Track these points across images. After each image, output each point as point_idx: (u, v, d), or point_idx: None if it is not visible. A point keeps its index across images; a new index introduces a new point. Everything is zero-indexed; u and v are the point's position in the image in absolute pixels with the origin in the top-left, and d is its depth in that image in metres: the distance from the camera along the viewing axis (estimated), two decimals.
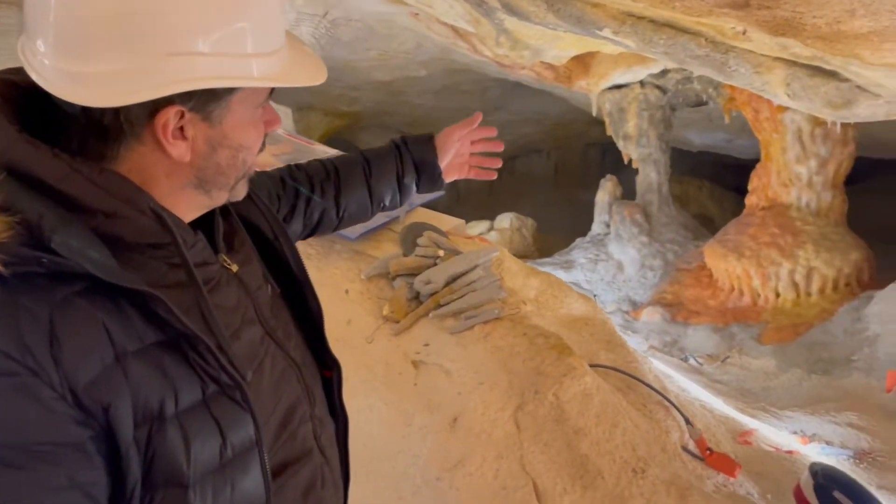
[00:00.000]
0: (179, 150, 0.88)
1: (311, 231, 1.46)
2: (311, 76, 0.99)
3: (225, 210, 1.05)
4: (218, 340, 0.86)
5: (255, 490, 0.90)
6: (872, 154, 10.00)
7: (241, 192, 1.00)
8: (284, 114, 7.82)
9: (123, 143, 0.86)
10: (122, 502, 0.78)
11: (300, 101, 11.34)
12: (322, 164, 1.45)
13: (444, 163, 1.50)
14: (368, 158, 1.49)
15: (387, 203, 1.51)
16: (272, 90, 0.98)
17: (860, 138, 7.83)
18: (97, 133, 0.85)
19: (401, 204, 1.54)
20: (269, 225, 1.13)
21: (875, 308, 6.22)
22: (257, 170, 1.33)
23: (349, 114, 12.88)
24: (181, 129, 0.87)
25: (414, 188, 1.51)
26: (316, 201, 1.39)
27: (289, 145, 4.17)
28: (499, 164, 1.60)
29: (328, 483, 1.10)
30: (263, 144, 1.00)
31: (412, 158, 1.48)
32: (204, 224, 0.99)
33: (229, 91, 0.89)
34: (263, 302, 1.04)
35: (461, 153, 1.54)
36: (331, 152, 4.18)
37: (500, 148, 1.59)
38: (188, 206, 0.94)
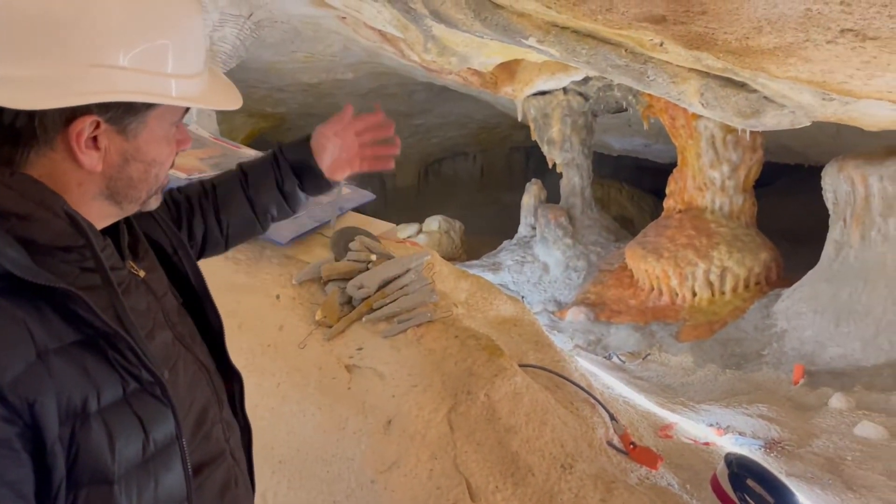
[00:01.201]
0: (91, 159, 0.89)
1: (200, 252, 1.41)
2: (228, 101, 1.01)
3: (126, 220, 1.06)
4: (134, 340, 0.87)
5: (178, 486, 0.92)
6: (779, 159, 10.56)
7: (153, 204, 1.03)
8: (208, 115, 7.66)
9: (34, 149, 0.86)
10: (48, 500, 0.78)
11: None
12: (201, 182, 1.44)
13: (324, 162, 1.43)
14: (246, 170, 1.44)
15: (275, 213, 1.45)
16: (187, 110, 1.00)
17: (767, 145, 8.27)
18: (8, 137, 0.85)
19: (293, 212, 1.49)
20: (168, 240, 1.15)
21: (782, 305, 6.57)
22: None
23: (274, 115, 12.69)
24: (94, 139, 0.88)
25: (300, 194, 1.45)
26: (196, 219, 1.38)
27: (215, 149, 4.10)
28: (395, 150, 1.52)
29: (241, 484, 1.12)
30: (173, 163, 1.02)
31: (289, 163, 1.42)
32: (109, 232, 1.00)
33: (148, 106, 0.91)
34: (170, 308, 1.06)
35: (347, 147, 1.45)
36: (258, 155, 4.14)
37: (390, 132, 1.51)
38: (98, 216, 0.95)
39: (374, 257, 2.99)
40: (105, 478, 0.82)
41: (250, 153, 4.15)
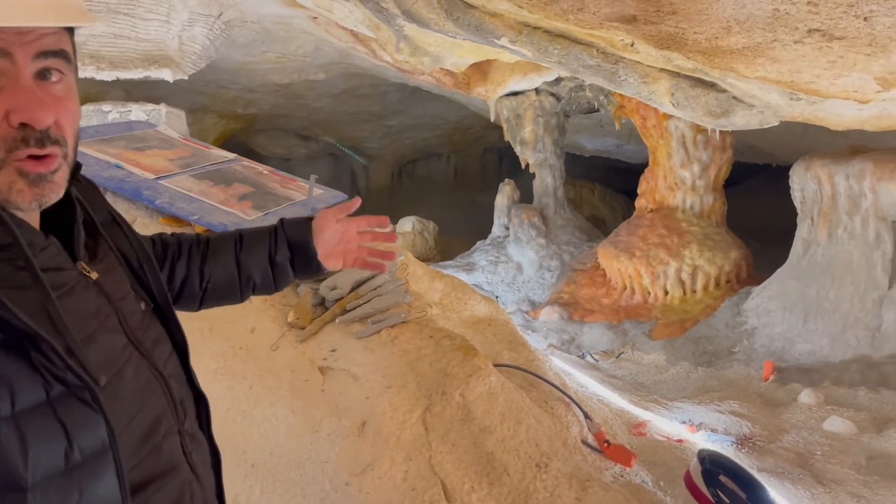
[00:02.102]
0: None
1: (174, 299, 1.34)
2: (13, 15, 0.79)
3: (91, 223, 1.03)
4: (66, 341, 0.82)
5: (110, 497, 0.85)
6: (747, 159, 10.70)
7: (12, 196, 0.85)
8: (177, 116, 7.57)
9: None
10: None
11: (193, 103, 10.99)
12: (197, 235, 1.41)
13: (321, 246, 1.41)
14: (243, 234, 1.42)
15: (257, 281, 1.41)
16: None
17: (736, 145, 8.38)
18: None
19: (276, 288, 1.45)
20: (134, 252, 1.11)
21: (752, 303, 6.66)
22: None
23: (245, 116, 12.58)
24: None
25: (289, 269, 1.42)
26: (180, 263, 1.34)
27: (185, 150, 4.05)
28: (392, 257, 1.52)
29: (197, 500, 1.04)
30: (38, 140, 0.85)
31: (286, 237, 1.41)
32: (63, 232, 0.97)
33: None
34: (129, 312, 1.01)
35: (346, 241, 1.44)
36: (229, 156, 4.10)
37: (395, 240, 1.53)
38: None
39: None
40: (17, 485, 0.77)
41: (221, 154, 4.11)
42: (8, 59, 0.82)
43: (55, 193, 0.90)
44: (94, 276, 0.97)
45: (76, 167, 0.98)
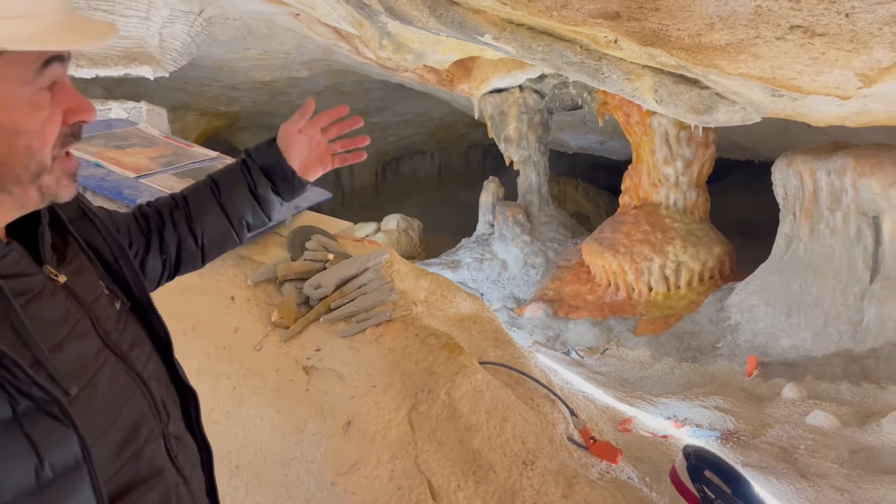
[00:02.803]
0: None
1: (175, 268, 1.34)
2: (77, 38, 0.85)
3: (59, 222, 1.00)
4: (32, 353, 0.79)
5: None
6: (729, 156, 10.79)
7: (54, 190, 0.89)
8: (158, 113, 7.50)
9: None
10: None
11: (175, 100, 10.89)
12: (171, 195, 1.37)
13: (294, 161, 1.38)
14: (216, 179, 1.38)
15: (250, 220, 1.39)
16: (50, 63, 0.86)
17: (719, 141, 8.43)
18: None
19: (269, 218, 1.42)
20: (108, 247, 1.07)
21: (736, 298, 6.70)
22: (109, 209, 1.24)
23: (227, 114, 12.49)
24: None
25: (274, 198, 1.39)
26: (168, 231, 1.30)
27: (166, 147, 4.00)
28: (365, 141, 1.46)
29: (185, 503, 1.02)
30: (77, 135, 0.90)
31: (259, 166, 1.37)
32: (28, 235, 0.93)
33: None
34: (103, 314, 0.98)
35: (316, 145, 1.40)
36: (211, 154, 4.06)
37: (360, 123, 1.43)
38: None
39: (331, 256, 2.95)
40: None
41: (203, 152, 4.06)
42: (65, 67, 0.88)
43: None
44: (61, 279, 0.94)
45: None
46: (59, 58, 0.85)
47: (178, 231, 1.32)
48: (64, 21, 0.85)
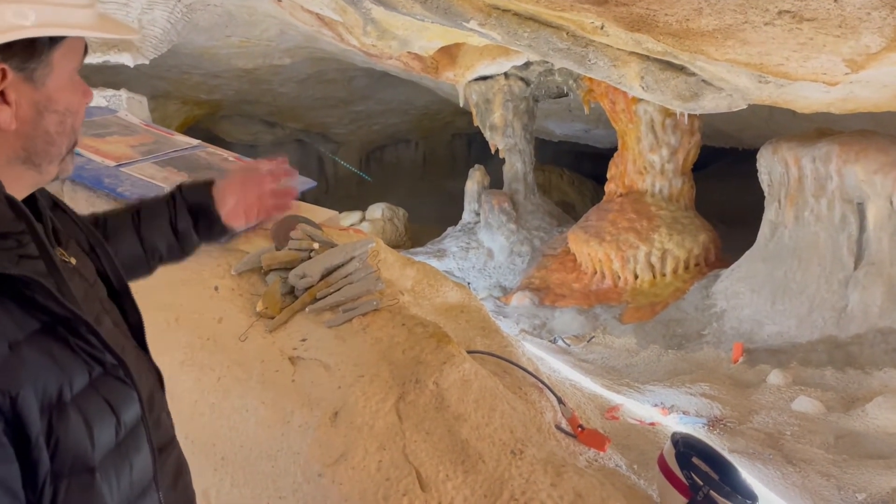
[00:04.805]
0: (4, 116, 0.84)
1: None
2: (122, 29, 0.98)
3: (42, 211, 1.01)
4: (86, 325, 0.84)
5: (147, 466, 0.91)
6: (714, 143, 10.82)
7: (68, 167, 0.97)
8: (139, 102, 7.39)
9: None
10: (34, 494, 0.76)
11: (155, 88, 10.75)
12: (94, 214, 1.36)
13: (224, 208, 1.37)
14: (139, 207, 1.37)
15: (163, 252, 1.37)
16: (85, 52, 0.96)
17: (703, 129, 8.44)
18: None
19: (184, 255, 1.41)
20: (85, 237, 1.09)
21: (721, 285, 6.73)
22: None
23: (209, 102, 12.36)
24: (2, 93, 0.83)
25: (194, 235, 1.37)
26: None
27: (147, 136, 3.94)
28: (294, 194, 1.48)
29: (187, 472, 1.10)
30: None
31: (186, 204, 1.36)
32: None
33: (49, 47, 0.86)
34: (103, 296, 1.03)
35: (248, 195, 1.39)
36: (192, 142, 3.99)
37: (295, 176, 1.47)
38: (19, 186, 0.90)
39: (316, 245, 2.91)
40: (86, 466, 0.81)
41: (184, 140, 4.00)
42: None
43: None
44: (73, 261, 0.98)
45: None
46: (86, 48, 0.95)
47: None
48: (100, 13, 0.94)
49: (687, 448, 2.55)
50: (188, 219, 1.36)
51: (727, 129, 9.67)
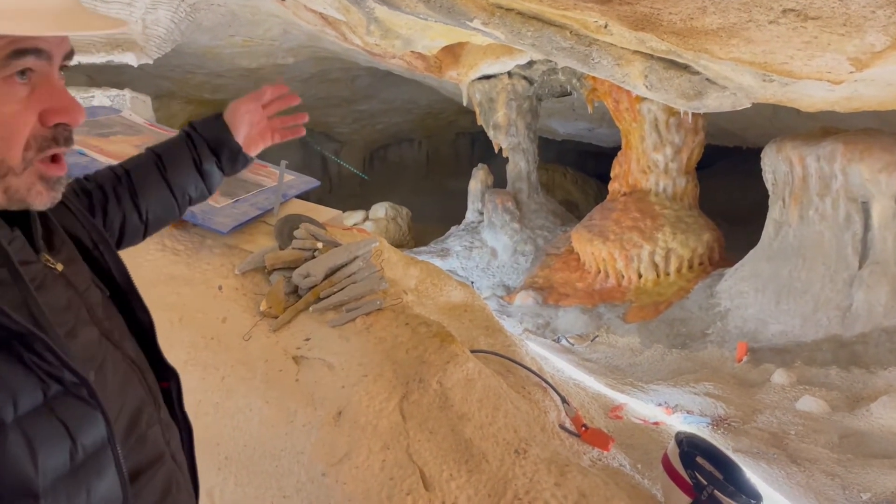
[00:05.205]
0: None
1: (117, 243, 1.30)
2: (44, 26, 0.78)
3: (42, 212, 0.96)
4: (52, 338, 0.79)
5: (113, 494, 0.84)
6: (718, 142, 10.79)
7: (31, 197, 0.84)
8: (143, 101, 7.40)
9: None
10: None
11: (159, 88, 10.77)
12: (111, 169, 1.33)
13: (240, 136, 1.38)
14: (159, 153, 1.35)
15: (192, 195, 1.38)
16: (21, 56, 0.80)
17: (707, 127, 8.42)
18: None
19: (210, 192, 1.42)
20: (87, 233, 1.05)
21: (725, 284, 6.71)
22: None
23: (212, 102, 12.36)
24: None
25: (217, 172, 1.39)
26: (112, 207, 1.27)
27: (151, 135, 3.94)
28: (304, 118, 1.47)
29: (182, 489, 1.03)
30: (66, 139, 0.85)
31: (205, 141, 1.36)
32: (19, 223, 0.90)
33: None
34: (95, 303, 0.97)
35: (258, 121, 1.41)
36: None
37: (297, 101, 1.46)
38: None
39: (320, 245, 2.91)
40: (29, 491, 0.74)
41: None
42: (48, 62, 0.82)
43: (61, 194, 0.90)
44: (59, 267, 0.92)
45: None
46: (36, 50, 0.79)
47: (122, 206, 1.29)
48: (54, 8, 0.79)
49: (691, 447, 2.55)
50: (211, 156, 1.36)
51: (731, 128, 9.65)
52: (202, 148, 1.35)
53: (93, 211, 1.25)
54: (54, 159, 0.86)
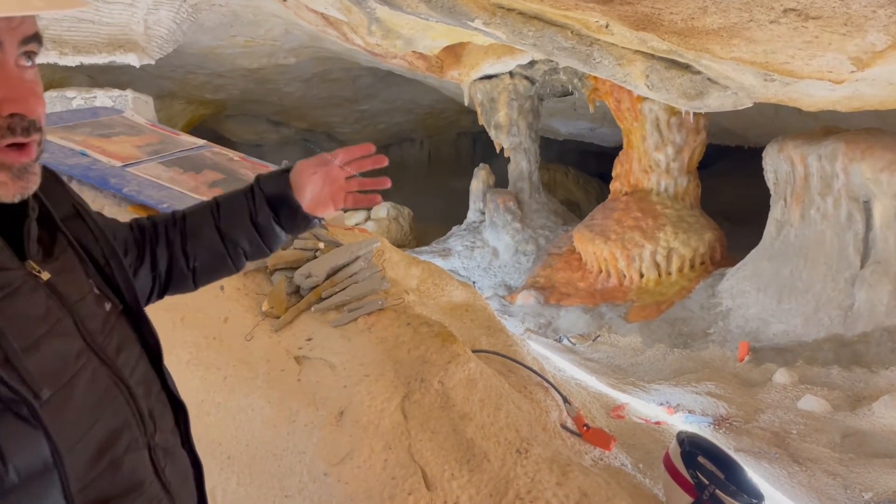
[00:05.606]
0: None
1: (164, 286, 1.28)
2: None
3: (48, 218, 0.95)
4: (4, 351, 0.75)
5: None
6: (719, 141, 10.79)
7: (1, 189, 0.81)
8: (145, 102, 7.40)
9: None
10: None
11: (161, 88, 10.78)
12: (172, 212, 1.31)
13: (305, 196, 1.29)
14: (219, 201, 1.31)
15: (247, 249, 1.31)
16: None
17: (710, 127, 8.42)
18: None
19: (269, 249, 1.34)
20: (100, 248, 1.02)
21: (727, 284, 6.71)
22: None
23: (214, 102, 12.38)
24: None
25: (276, 228, 1.31)
26: (160, 248, 1.24)
27: (153, 136, 3.95)
28: (385, 183, 1.36)
29: None
30: (24, 129, 0.81)
31: (265, 195, 1.29)
32: (14, 228, 0.88)
33: None
34: (88, 315, 0.92)
35: (332, 181, 1.31)
36: (198, 142, 4.00)
37: (384, 163, 1.36)
38: None
39: (321, 245, 2.92)
40: None
41: (190, 140, 4.01)
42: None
43: (35, 184, 0.85)
44: (44, 276, 0.88)
45: None
46: None
47: (171, 249, 1.26)
48: None
49: (693, 447, 2.55)
50: (268, 211, 1.29)
51: (733, 128, 9.64)
52: (261, 202, 1.29)
53: (142, 246, 1.23)
54: (17, 147, 0.81)
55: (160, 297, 1.30)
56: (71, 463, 0.78)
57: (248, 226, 1.30)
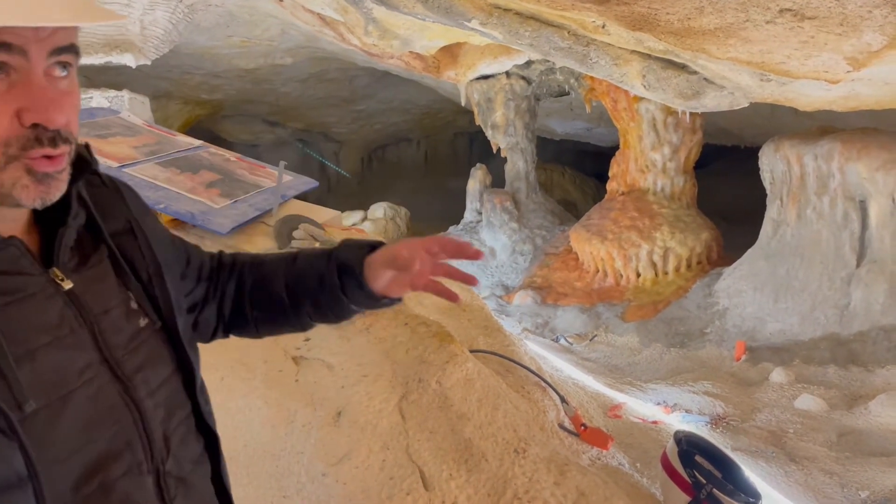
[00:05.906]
0: None
1: (227, 327, 1.24)
2: (9, 16, 0.71)
3: (96, 227, 0.93)
4: None
5: None
6: (716, 141, 10.81)
7: (17, 192, 0.79)
8: (141, 102, 7.40)
9: None
10: None
11: (157, 89, 10.76)
12: (256, 254, 1.27)
13: (381, 278, 1.18)
14: (298, 255, 1.25)
15: (309, 310, 1.23)
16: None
17: (706, 127, 8.43)
18: None
19: (336, 316, 1.25)
20: (146, 264, 0.99)
21: (723, 284, 6.72)
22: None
23: (210, 102, 12.36)
24: None
25: (342, 297, 1.20)
26: (230, 287, 1.21)
27: (149, 136, 3.94)
28: (473, 282, 1.26)
29: None
30: (50, 140, 0.79)
31: (338, 258, 1.20)
32: (48, 234, 0.87)
33: None
34: (112, 328, 0.89)
35: (422, 262, 1.16)
36: (195, 143, 4.00)
37: (480, 257, 1.21)
38: None
39: (318, 245, 2.92)
40: None
41: (187, 141, 4.01)
42: (23, 57, 0.75)
43: (59, 191, 0.83)
44: (66, 284, 0.85)
45: (88, 163, 0.91)
46: (5, 45, 0.73)
47: (240, 291, 1.22)
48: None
49: (690, 446, 2.56)
50: (336, 279, 1.19)
51: (729, 127, 9.66)
52: (332, 266, 1.21)
53: (216, 281, 1.21)
54: (51, 158, 0.80)
55: (225, 335, 1.26)
56: (49, 480, 0.75)
57: (315, 286, 1.22)
